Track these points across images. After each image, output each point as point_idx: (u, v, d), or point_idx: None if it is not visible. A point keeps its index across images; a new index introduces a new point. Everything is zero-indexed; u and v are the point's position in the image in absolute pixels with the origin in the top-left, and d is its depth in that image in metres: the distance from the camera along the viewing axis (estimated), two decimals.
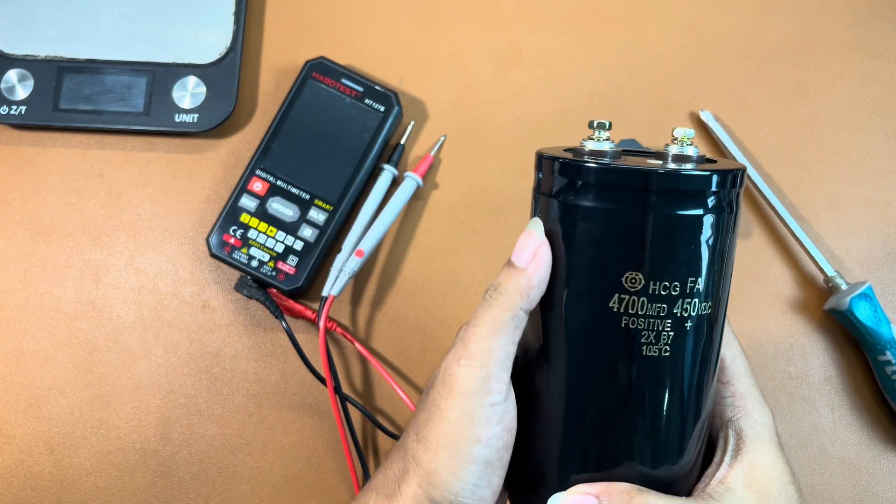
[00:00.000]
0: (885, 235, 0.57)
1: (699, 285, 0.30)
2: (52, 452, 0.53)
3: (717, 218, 0.30)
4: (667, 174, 0.29)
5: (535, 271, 0.31)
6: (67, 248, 0.55)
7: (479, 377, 0.31)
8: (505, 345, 0.31)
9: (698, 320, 0.30)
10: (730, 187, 0.30)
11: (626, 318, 0.30)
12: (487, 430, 0.31)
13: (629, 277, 0.29)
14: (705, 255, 0.30)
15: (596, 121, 0.32)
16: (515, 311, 0.31)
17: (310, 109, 0.55)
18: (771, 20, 0.60)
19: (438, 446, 0.31)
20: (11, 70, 0.55)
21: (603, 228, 0.30)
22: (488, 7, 0.60)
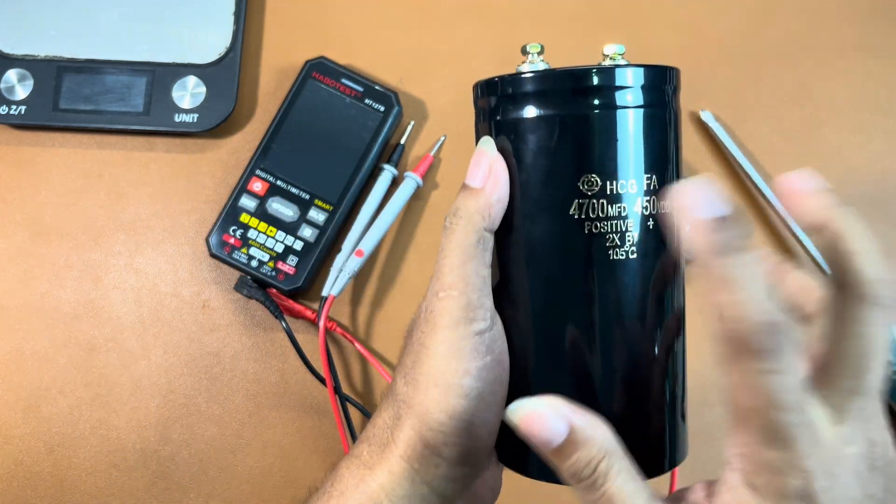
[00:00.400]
0: (885, 236, 0.57)
1: (653, 181, 0.30)
2: (52, 453, 0.53)
3: (658, 112, 0.30)
4: (602, 69, 0.29)
5: (492, 188, 0.30)
6: (67, 248, 0.55)
7: (460, 306, 0.30)
8: (478, 269, 0.30)
9: (661, 219, 0.30)
10: (665, 82, 0.30)
11: (588, 223, 0.29)
12: (476, 360, 0.30)
13: (585, 181, 0.29)
14: (656, 149, 0.30)
15: (527, 45, 0.32)
16: (480, 232, 0.30)
17: (310, 109, 0.55)
18: (771, 20, 0.60)
19: (428, 385, 0.30)
20: (11, 70, 0.55)
21: (551, 136, 0.29)
22: (488, 7, 0.60)
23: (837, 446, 0.25)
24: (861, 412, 0.25)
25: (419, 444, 0.30)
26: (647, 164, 0.29)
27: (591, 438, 0.26)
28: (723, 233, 0.24)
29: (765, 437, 0.24)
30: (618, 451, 0.27)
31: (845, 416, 0.25)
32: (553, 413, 0.27)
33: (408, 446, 0.31)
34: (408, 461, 0.31)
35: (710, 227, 0.24)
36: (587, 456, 0.26)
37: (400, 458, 0.31)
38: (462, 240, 0.30)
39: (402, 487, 0.31)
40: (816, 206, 0.27)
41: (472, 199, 0.30)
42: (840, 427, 0.25)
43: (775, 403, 0.24)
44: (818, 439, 0.24)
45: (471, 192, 0.30)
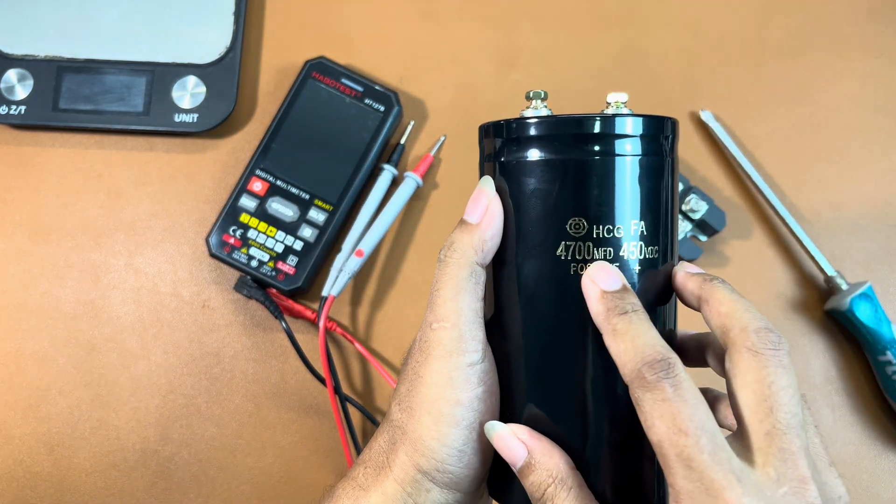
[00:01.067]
0: (885, 235, 0.57)
1: (643, 228, 0.30)
2: (52, 453, 0.53)
3: (651, 161, 0.31)
4: (592, 118, 0.30)
5: (487, 225, 0.31)
6: (67, 248, 0.55)
7: (452, 338, 0.31)
8: (470, 302, 0.31)
9: (646, 264, 0.31)
10: (662, 132, 0.31)
11: (574, 264, 0.30)
12: (468, 391, 0.31)
13: (573, 224, 0.30)
14: (645, 197, 0.30)
15: (531, 91, 0.33)
16: (472, 266, 0.31)
17: (310, 109, 0.55)
18: (771, 20, 0.60)
19: (422, 413, 0.31)
20: (11, 70, 0.55)
21: (542, 179, 0.31)
22: (488, 7, 0.60)
23: (766, 486, 0.26)
24: (783, 452, 0.26)
25: (412, 468, 0.31)
26: (636, 210, 0.30)
27: (543, 465, 0.29)
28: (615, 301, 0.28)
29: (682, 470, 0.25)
30: (569, 479, 0.29)
31: (768, 458, 0.26)
32: (514, 437, 0.30)
33: (401, 470, 0.32)
34: (401, 484, 0.32)
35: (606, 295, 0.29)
36: (538, 479, 0.29)
37: (394, 482, 0.32)
38: (455, 273, 0.31)
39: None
40: (693, 285, 0.31)
41: (466, 235, 0.31)
42: (766, 469, 0.26)
43: (679, 428, 0.25)
44: (740, 476, 0.25)
45: (467, 227, 0.31)
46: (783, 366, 0.27)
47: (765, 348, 0.27)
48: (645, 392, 0.26)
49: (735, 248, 0.56)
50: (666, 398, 0.26)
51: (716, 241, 0.56)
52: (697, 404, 0.26)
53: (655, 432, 0.26)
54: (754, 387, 0.27)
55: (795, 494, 0.26)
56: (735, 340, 0.28)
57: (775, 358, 0.27)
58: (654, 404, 0.26)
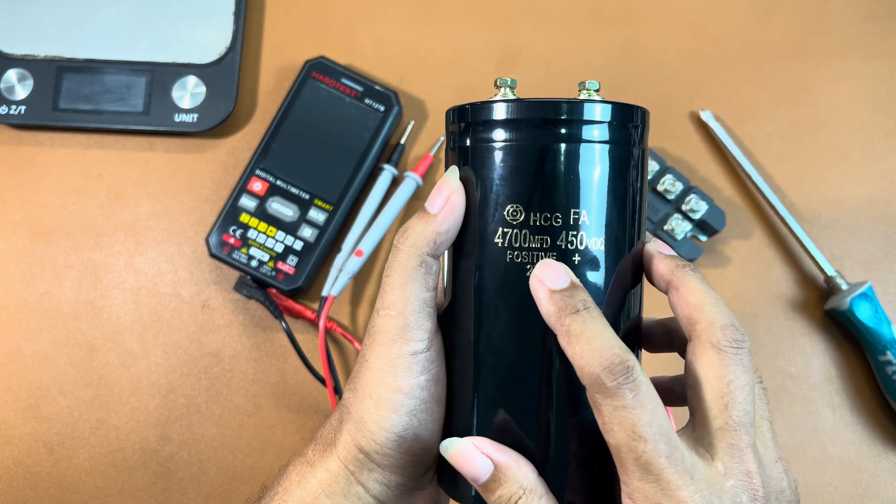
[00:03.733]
0: (885, 235, 0.57)
1: (585, 218, 0.29)
2: (52, 453, 0.53)
3: (601, 150, 0.30)
4: (527, 102, 0.30)
5: (444, 218, 0.31)
6: (67, 248, 0.55)
7: (397, 326, 0.31)
8: (418, 291, 0.31)
9: (588, 255, 0.30)
10: (613, 119, 0.30)
11: (510, 251, 0.30)
12: (409, 378, 0.31)
13: (510, 210, 0.30)
14: (589, 187, 0.30)
15: (499, 78, 0.33)
16: (422, 256, 0.31)
17: (309, 109, 0.55)
18: (771, 20, 0.60)
19: (364, 395, 0.31)
20: (11, 70, 0.55)
21: (484, 166, 0.30)
22: (488, 7, 0.60)
23: (714, 480, 0.27)
24: (732, 447, 0.27)
25: (354, 448, 0.32)
26: (576, 200, 0.29)
27: (512, 476, 0.29)
28: (565, 299, 0.28)
29: (639, 472, 0.26)
30: (538, 489, 0.29)
31: (718, 452, 0.27)
32: (477, 451, 0.29)
33: (345, 449, 0.32)
34: (344, 462, 0.32)
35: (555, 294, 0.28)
36: (508, 492, 0.29)
37: (337, 459, 0.32)
38: (405, 262, 0.31)
39: (339, 485, 0.32)
40: (664, 268, 0.31)
41: (421, 224, 0.31)
42: (715, 463, 0.27)
43: (638, 435, 0.26)
44: (692, 473, 0.26)
45: (424, 216, 0.31)
46: (743, 364, 0.28)
47: (728, 346, 0.28)
48: (605, 398, 0.26)
49: (735, 248, 0.56)
50: (626, 405, 0.26)
51: (716, 241, 0.56)
52: (655, 408, 0.26)
53: (614, 437, 0.26)
54: (714, 383, 0.28)
55: (741, 486, 0.27)
56: (700, 334, 0.29)
57: (737, 356, 0.28)
58: (613, 411, 0.26)
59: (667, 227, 0.54)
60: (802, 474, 0.53)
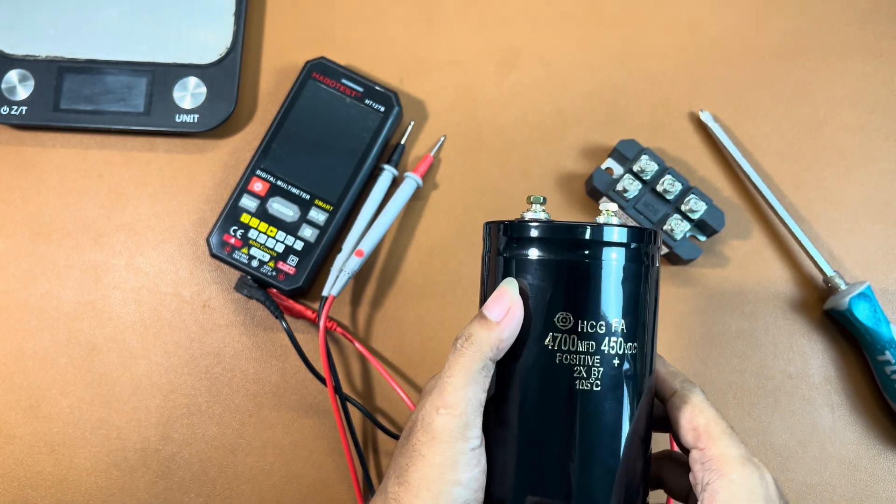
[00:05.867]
0: (884, 235, 0.57)
1: (622, 325, 0.34)
2: (53, 452, 0.53)
3: (634, 267, 0.35)
4: (587, 227, 0.34)
5: (506, 326, 0.34)
6: (67, 248, 0.55)
7: (458, 425, 0.33)
8: (477, 393, 0.34)
9: (625, 359, 0.34)
10: (644, 242, 0.35)
11: (559, 354, 0.34)
12: (467, 472, 0.33)
13: (560, 317, 0.34)
14: (626, 298, 0.34)
15: (532, 196, 0.37)
16: (485, 361, 0.34)
17: (310, 109, 0.55)
18: (771, 20, 0.60)
19: (420, 489, 0.33)
20: (12, 70, 0.55)
21: (538, 275, 0.35)
22: (488, 7, 0.60)
23: None
24: None
25: None
26: (619, 309, 0.34)
27: None
28: None
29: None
30: None
31: None
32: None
33: None
34: None
35: None
36: None
37: None
38: (469, 365, 0.34)
39: None
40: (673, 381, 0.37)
41: (485, 331, 0.34)
42: None
43: None
44: None
45: (487, 323, 0.34)
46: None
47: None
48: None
49: (734, 248, 0.56)
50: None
51: (715, 241, 0.56)
52: None
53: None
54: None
55: None
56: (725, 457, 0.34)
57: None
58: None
59: (666, 227, 0.54)
60: (801, 474, 0.53)
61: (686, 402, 0.35)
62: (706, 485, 0.33)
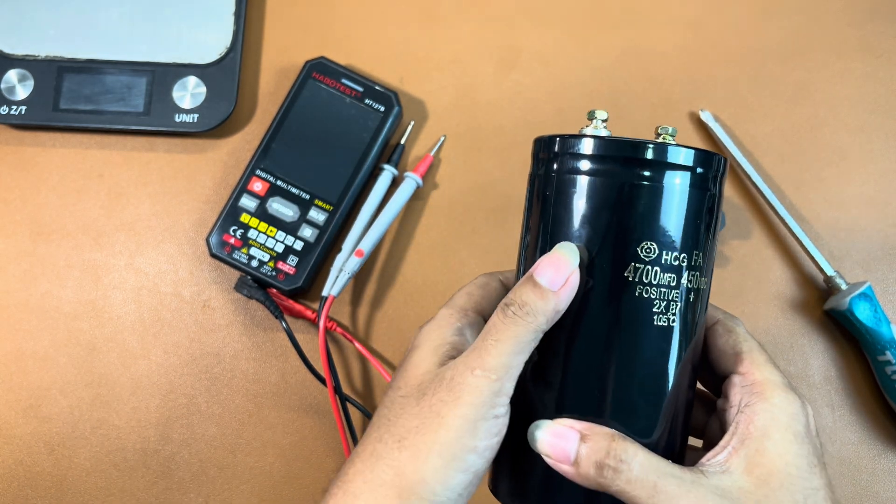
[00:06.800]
0: (885, 235, 0.57)
1: (701, 259, 0.32)
2: (52, 452, 0.53)
3: (710, 197, 0.33)
4: (681, 150, 0.32)
5: (565, 297, 0.32)
6: (67, 248, 0.55)
7: (492, 390, 0.31)
8: (521, 362, 0.32)
9: (699, 294, 0.33)
10: (718, 170, 0.33)
11: (640, 287, 0.31)
12: (486, 440, 0.31)
13: (644, 247, 0.31)
14: (705, 231, 0.32)
15: (595, 110, 0.34)
16: (539, 332, 0.32)
17: (310, 109, 0.55)
18: (771, 20, 0.60)
19: (431, 453, 0.30)
20: (11, 70, 0.55)
21: (618, 200, 0.32)
22: (488, 7, 0.60)
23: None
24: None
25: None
26: (698, 242, 0.32)
27: (598, 431, 0.31)
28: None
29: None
30: (622, 434, 0.31)
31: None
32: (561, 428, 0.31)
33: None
34: None
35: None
36: (600, 445, 0.30)
37: None
38: (521, 334, 0.31)
39: None
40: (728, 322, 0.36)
41: (541, 301, 0.31)
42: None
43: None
44: None
45: (543, 292, 0.32)
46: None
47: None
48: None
49: (734, 247, 0.56)
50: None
51: None
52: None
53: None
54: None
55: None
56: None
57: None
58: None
59: None
60: None
61: (730, 331, 0.35)
62: (745, 406, 0.32)
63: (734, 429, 0.32)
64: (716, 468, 0.31)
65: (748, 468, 0.30)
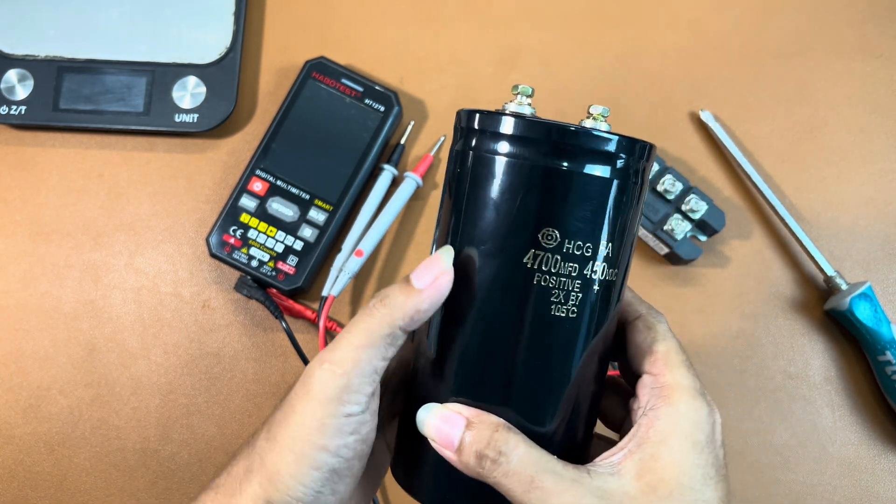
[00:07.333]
0: (885, 235, 0.57)
1: (609, 250, 0.30)
2: (52, 453, 0.53)
3: (628, 186, 0.30)
4: (596, 134, 0.30)
5: (428, 297, 0.30)
6: (67, 248, 0.55)
7: (338, 386, 0.30)
8: (373, 359, 0.30)
9: (604, 286, 0.31)
10: (639, 157, 0.31)
11: (538, 274, 0.30)
12: (338, 439, 0.30)
13: (546, 234, 0.30)
14: (617, 221, 0.30)
15: (519, 85, 0.32)
16: (394, 328, 0.30)
17: (310, 109, 0.55)
18: (771, 20, 0.60)
19: (284, 448, 0.30)
20: (11, 70, 0.55)
21: (525, 183, 0.30)
22: (488, 7, 0.60)
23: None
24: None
25: (262, 501, 0.30)
26: (607, 233, 0.30)
27: (484, 419, 0.30)
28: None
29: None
30: (508, 425, 0.30)
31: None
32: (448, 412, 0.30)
33: (252, 502, 0.30)
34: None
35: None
36: (483, 435, 0.29)
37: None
38: (374, 328, 0.30)
39: None
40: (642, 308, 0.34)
41: (403, 297, 0.30)
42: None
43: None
44: None
45: (408, 289, 0.30)
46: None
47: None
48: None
49: (735, 248, 0.56)
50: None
51: (715, 241, 0.56)
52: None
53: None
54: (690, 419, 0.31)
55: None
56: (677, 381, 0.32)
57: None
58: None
59: (666, 227, 0.54)
60: (802, 474, 0.53)
61: (650, 328, 0.33)
62: (649, 409, 0.31)
63: (635, 431, 0.31)
64: (605, 469, 0.30)
65: (639, 473, 0.29)
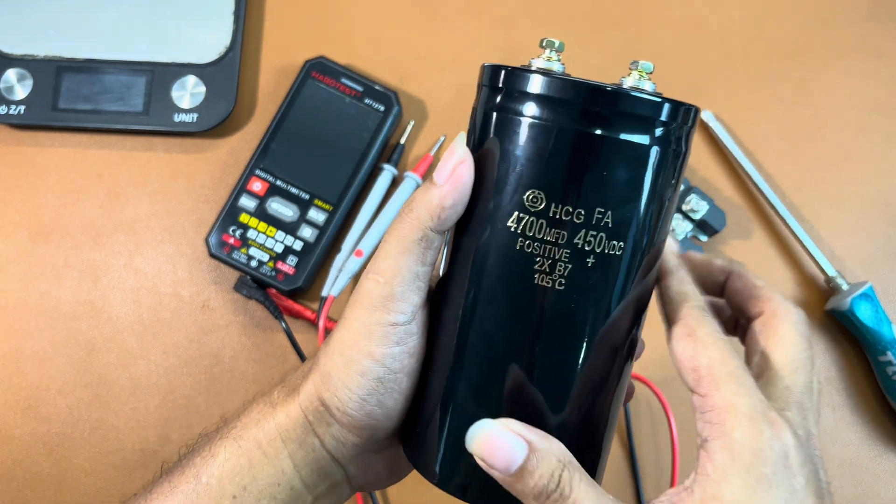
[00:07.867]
0: (886, 235, 0.57)
1: (608, 219, 0.27)
2: (51, 453, 0.53)
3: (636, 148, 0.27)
4: (575, 83, 0.27)
5: (449, 191, 0.28)
6: (66, 248, 0.55)
7: (382, 294, 0.30)
8: (412, 265, 0.29)
9: (603, 259, 0.27)
10: (667, 118, 0.27)
11: (522, 239, 0.27)
12: (383, 347, 0.30)
13: (531, 196, 0.27)
14: (620, 187, 0.27)
15: (546, 39, 0.30)
16: (424, 230, 0.29)
17: (309, 109, 0.55)
18: (772, 20, 0.60)
19: (335, 352, 0.31)
20: (10, 70, 0.55)
21: (510, 140, 0.28)
22: (488, 7, 0.60)
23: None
24: (800, 405, 0.29)
25: (316, 399, 0.31)
26: (604, 199, 0.27)
27: (548, 451, 0.27)
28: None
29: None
30: (573, 459, 0.27)
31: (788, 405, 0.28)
32: (510, 434, 0.27)
33: (307, 398, 0.32)
34: (304, 411, 0.32)
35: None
36: (548, 469, 0.27)
37: (299, 406, 0.32)
38: (406, 233, 0.29)
39: (296, 432, 0.32)
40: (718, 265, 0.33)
41: (427, 196, 0.29)
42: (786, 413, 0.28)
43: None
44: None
45: (430, 187, 0.29)
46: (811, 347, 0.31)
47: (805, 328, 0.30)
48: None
49: (735, 248, 0.56)
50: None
51: (716, 240, 0.56)
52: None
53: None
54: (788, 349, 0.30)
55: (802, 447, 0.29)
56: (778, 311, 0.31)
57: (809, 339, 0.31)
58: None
59: None
60: None
61: (689, 335, 0.28)
62: (703, 443, 0.27)
63: (696, 466, 0.27)
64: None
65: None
